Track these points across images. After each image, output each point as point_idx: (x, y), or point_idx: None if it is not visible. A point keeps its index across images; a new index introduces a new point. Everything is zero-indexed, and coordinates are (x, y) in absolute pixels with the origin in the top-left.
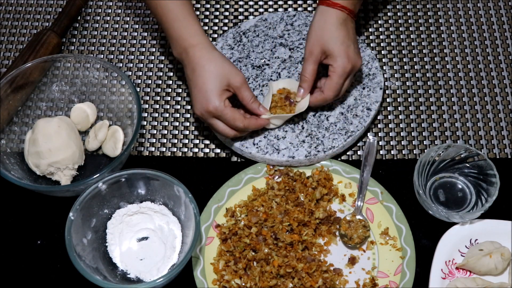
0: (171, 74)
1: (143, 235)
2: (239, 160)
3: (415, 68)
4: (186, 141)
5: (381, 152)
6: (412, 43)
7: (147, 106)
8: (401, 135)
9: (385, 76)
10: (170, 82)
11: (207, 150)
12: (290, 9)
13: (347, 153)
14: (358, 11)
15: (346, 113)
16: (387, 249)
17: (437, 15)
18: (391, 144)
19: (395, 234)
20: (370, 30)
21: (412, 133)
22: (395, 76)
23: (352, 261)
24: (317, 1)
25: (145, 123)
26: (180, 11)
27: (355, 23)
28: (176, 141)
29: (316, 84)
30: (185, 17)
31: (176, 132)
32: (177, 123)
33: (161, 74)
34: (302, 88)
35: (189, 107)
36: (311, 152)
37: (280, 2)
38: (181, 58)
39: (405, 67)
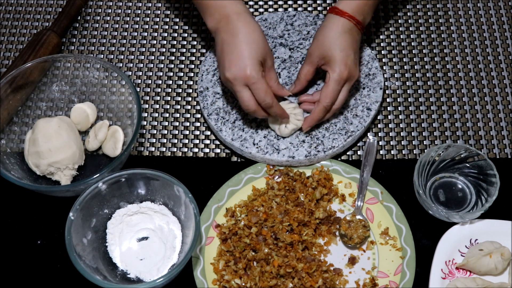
0: (171, 74)
1: (143, 235)
2: (239, 160)
3: (415, 68)
4: (186, 141)
5: (381, 152)
6: (412, 43)
7: (147, 106)
8: (401, 135)
9: (385, 76)
10: (170, 82)
11: (207, 150)
12: (290, 9)
13: (347, 153)
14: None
15: (346, 113)
16: (387, 249)
17: (437, 15)
18: (391, 144)
19: (395, 234)
20: (370, 30)
21: (412, 133)
22: (395, 76)
23: (352, 261)
24: (327, 9)
25: (145, 123)
26: None
27: (361, 36)
28: (176, 141)
29: (314, 97)
30: None
31: (176, 132)
32: (177, 123)
33: (161, 74)
34: (293, 84)
35: (189, 107)
36: (311, 152)
37: (280, 2)
38: (218, 26)
39: (405, 67)
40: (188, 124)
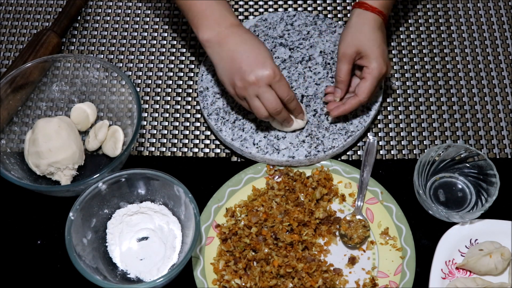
0: (171, 74)
1: (143, 235)
2: (239, 160)
3: (415, 68)
4: (186, 141)
5: (381, 152)
6: (412, 43)
7: (147, 106)
8: (401, 135)
9: None
10: (170, 82)
11: (207, 150)
12: (290, 9)
13: (347, 153)
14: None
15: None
16: (387, 249)
17: (437, 15)
18: (391, 144)
19: (395, 234)
20: None
21: (412, 133)
22: (395, 76)
23: (352, 261)
24: (353, 4)
25: (145, 123)
26: None
27: None
28: (176, 141)
29: (348, 88)
30: (224, 0)
31: (176, 132)
32: (177, 123)
33: (161, 74)
34: (339, 89)
35: (189, 107)
36: (311, 152)
37: (280, 2)
38: (219, 37)
39: (405, 67)
40: (188, 124)
